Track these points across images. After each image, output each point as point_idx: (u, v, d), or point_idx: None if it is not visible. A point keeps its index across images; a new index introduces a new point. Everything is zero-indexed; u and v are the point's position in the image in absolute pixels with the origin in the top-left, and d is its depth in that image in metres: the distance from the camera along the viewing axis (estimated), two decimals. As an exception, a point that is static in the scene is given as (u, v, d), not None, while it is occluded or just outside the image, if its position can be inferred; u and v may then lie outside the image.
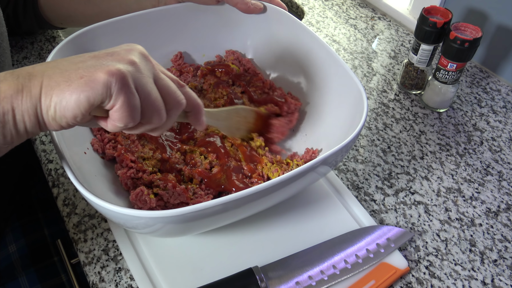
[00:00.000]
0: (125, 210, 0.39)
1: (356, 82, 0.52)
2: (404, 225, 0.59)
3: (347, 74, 0.54)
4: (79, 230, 0.56)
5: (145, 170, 0.54)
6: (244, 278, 0.48)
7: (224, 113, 0.55)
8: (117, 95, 0.34)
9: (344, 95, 0.56)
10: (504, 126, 0.74)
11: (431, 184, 0.64)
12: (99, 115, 0.36)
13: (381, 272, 0.52)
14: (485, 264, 0.55)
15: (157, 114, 0.37)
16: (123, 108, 0.34)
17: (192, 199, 0.52)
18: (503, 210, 0.61)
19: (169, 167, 0.56)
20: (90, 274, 0.52)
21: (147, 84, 0.36)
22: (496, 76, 0.83)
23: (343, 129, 0.54)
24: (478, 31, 0.66)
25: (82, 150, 0.52)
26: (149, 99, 0.36)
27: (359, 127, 0.46)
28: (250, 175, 0.55)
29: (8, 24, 0.75)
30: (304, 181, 0.48)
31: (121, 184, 0.53)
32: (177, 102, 0.39)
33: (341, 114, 0.56)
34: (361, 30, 0.92)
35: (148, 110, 0.36)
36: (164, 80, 0.38)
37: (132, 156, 0.55)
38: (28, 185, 0.77)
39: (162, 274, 0.51)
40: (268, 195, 0.44)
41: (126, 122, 0.35)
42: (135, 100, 0.35)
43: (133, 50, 0.37)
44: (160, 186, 0.52)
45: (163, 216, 0.39)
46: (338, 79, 0.57)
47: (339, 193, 0.60)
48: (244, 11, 0.63)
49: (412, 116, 0.74)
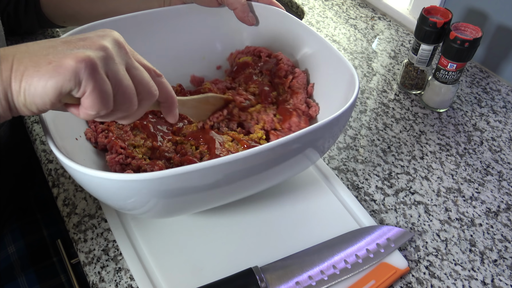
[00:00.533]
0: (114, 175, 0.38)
1: (347, 63, 0.53)
2: (404, 225, 0.59)
3: (340, 60, 0.54)
4: (79, 230, 0.56)
5: (134, 156, 0.54)
6: (244, 278, 0.48)
7: (195, 101, 0.55)
8: (87, 82, 0.33)
9: (339, 80, 0.55)
10: (504, 126, 0.74)
11: (431, 184, 0.64)
12: (71, 102, 0.35)
13: (381, 272, 0.52)
14: (485, 264, 0.55)
15: (129, 102, 0.36)
16: (93, 95, 0.33)
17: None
18: (503, 210, 0.61)
19: (159, 155, 0.56)
20: (90, 274, 0.52)
21: (118, 71, 0.35)
22: (496, 76, 0.84)
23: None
24: (478, 31, 0.66)
25: (73, 136, 0.52)
26: (120, 86, 0.35)
27: (351, 100, 0.46)
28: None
29: (8, 23, 0.75)
30: (292, 154, 0.46)
31: (110, 170, 0.53)
32: (149, 93, 0.38)
33: (338, 98, 0.56)
34: (361, 30, 0.92)
35: (119, 98, 0.36)
36: (137, 69, 0.37)
37: (123, 143, 0.55)
38: (26, 186, 0.77)
39: (162, 274, 0.51)
40: (256, 165, 0.43)
41: (98, 109, 0.34)
42: (106, 87, 0.34)
43: (106, 36, 0.36)
44: (147, 170, 0.52)
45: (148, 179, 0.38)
46: (330, 65, 0.57)
47: (339, 193, 0.60)
48: (240, 18, 0.64)
49: (412, 116, 0.74)
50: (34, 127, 0.68)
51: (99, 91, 0.33)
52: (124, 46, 0.37)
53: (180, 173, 0.39)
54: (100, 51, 0.34)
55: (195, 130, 0.59)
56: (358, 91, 0.49)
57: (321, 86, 0.61)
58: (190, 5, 0.65)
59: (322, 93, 0.60)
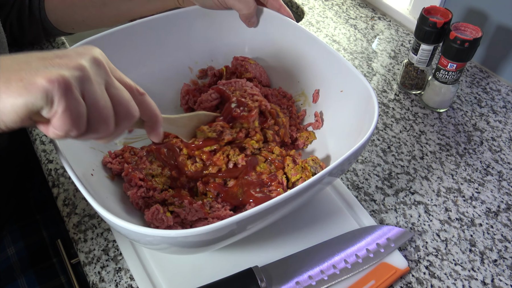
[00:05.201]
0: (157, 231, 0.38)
1: (365, 83, 0.52)
2: (404, 225, 0.59)
3: (355, 76, 0.54)
4: (79, 230, 0.56)
5: (155, 188, 0.52)
6: (244, 278, 0.48)
7: (185, 119, 0.53)
8: (59, 103, 0.31)
9: (352, 97, 0.55)
10: (504, 126, 0.74)
11: (431, 184, 0.64)
12: (40, 120, 0.34)
13: (381, 272, 0.52)
14: (485, 264, 0.55)
15: (104, 124, 0.35)
16: (64, 116, 0.32)
17: (209, 213, 0.51)
18: (503, 210, 0.61)
19: (180, 184, 0.54)
20: (90, 274, 0.52)
21: (95, 92, 0.34)
22: (496, 76, 0.84)
23: (353, 126, 0.54)
24: (478, 31, 0.66)
25: (88, 172, 0.50)
26: (96, 107, 0.34)
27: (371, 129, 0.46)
28: (268, 184, 0.53)
29: (12, 33, 0.73)
30: (326, 182, 0.47)
31: (132, 204, 0.52)
32: (128, 113, 0.37)
33: (349, 111, 0.56)
34: (361, 30, 0.92)
35: (94, 119, 0.34)
36: (116, 89, 0.36)
37: (140, 174, 0.53)
38: (25, 188, 0.77)
39: (162, 274, 0.51)
40: (291, 203, 0.43)
41: (67, 131, 0.33)
42: (79, 108, 0.32)
43: (85, 54, 0.34)
44: (175, 204, 0.51)
45: (189, 235, 0.38)
46: (342, 77, 0.56)
47: (339, 193, 0.60)
48: (244, 20, 0.63)
49: (412, 116, 0.74)
50: (34, 127, 0.68)
51: (71, 112, 0.32)
52: (103, 65, 0.35)
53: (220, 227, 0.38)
54: (76, 70, 0.33)
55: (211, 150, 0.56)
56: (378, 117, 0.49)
57: (328, 94, 0.61)
58: (185, 10, 0.63)
59: (330, 103, 0.60)
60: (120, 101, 0.36)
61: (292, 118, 0.63)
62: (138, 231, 0.38)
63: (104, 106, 0.34)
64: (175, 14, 0.63)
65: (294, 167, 0.54)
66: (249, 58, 0.67)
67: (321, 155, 0.59)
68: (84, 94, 0.33)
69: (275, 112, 0.59)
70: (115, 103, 0.36)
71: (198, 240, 0.40)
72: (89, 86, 0.33)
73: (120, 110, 0.36)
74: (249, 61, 0.66)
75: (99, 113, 0.34)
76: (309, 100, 0.64)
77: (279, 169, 0.55)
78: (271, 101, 0.64)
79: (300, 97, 0.65)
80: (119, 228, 0.39)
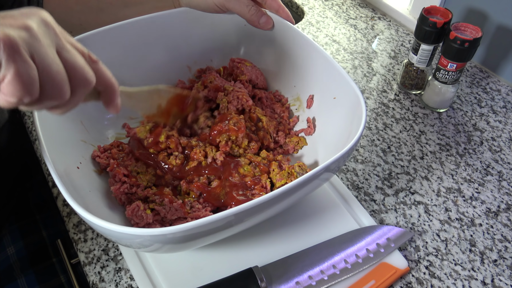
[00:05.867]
0: (122, 228, 0.37)
1: (353, 87, 0.51)
2: (404, 225, 0.59)
3: (343, 79, 0.53)
4: (79, 230, 0.56)
5: (139, 184, 0.53)
6: (244, 278, 0.48)
7: (143, 93, 0.50)
8: (7, 65, 0.29)
9: (344, 104, 0.55)
10: (504, 126, 0.74)
11: (431, 184, 0.64)
12: None
13: (381, 272, 0.52)
14: (485, 264, 0.55)
15: (59, 89, 0.32)
16: (15, 80, 0.29)
17: (189, 213, 0.51)
18: (503, 210, 0.61)
19: (165, 182, 0.55)
20: (90, 274, 0.52)
21: (46, 54, 0.31)
22: (496, 76, 0.84)
23: (343, 133, 0.53)
24: (478, 31, 0.66)
25: (75, 165, 0.51)
26: (49, 71, 0.31)
27: (359, 131, 0.46)
28: (252, 187, 0.53)
29: None
30: (306, 189, 0.47)
31: (116, 199, 0.52)
32: (84, 79, 0.34)
33: (339, 118, 0.56)
34: (361, 30, 0.92)
35: (48, 84, 0.31)
36: (69, 53, 0.33)
37: (126, 170, 0.54)
38: (24, 187, 0.77)
39: (162, 274, 0.51)
40: (271, 207, 0.43)
41: (20, 96, 0.30)
42: (30, 71, 0.30)
43: (32, 15, 0.32)
44: (156, 201, 0.51)
45: (161, 234, 0.37)
46: (336, 84, 0.56)
47: (339, 193, 0.60)
48: (252, 24, 0.62)
49: (412, 116, 0.74)
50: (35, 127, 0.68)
51: (22, 75, 0.29)
52: (53, 26, 0.33)
53: (201, 224, 0.38)
54: (22, 30, 0.30)
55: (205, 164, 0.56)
56: (366, 119, 0.48)
57: (321, 100, 0.61)
58: (181, 10, 0.63)
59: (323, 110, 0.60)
60: (74, 65, 0.33)
61: (282, 124, 0.63)
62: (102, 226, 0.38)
63: (57, 70, 0.32)
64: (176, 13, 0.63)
65: (279, 172, 0.54)
66: (246, 60, 0.67)
67: (309, 162, 0.59)
68: (34, 56, 0.30)
69: (256, 117, 0.60)
70: (69, 67, 0.33)
71: (174, 238, 0.40)
72: (39, 48, 0.31)
73: (75, 75, 0.34)
74: (245, 63, 0.66)
75: (52, 77, 0.32)
76: (303, 106, 0.64)
77: (264, 173, 0.55)
78: (265, 104, 0.64)
79: (295, 102, 0.65)
80: (90, 223, 0.39)
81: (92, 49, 0.56)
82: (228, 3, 0.59)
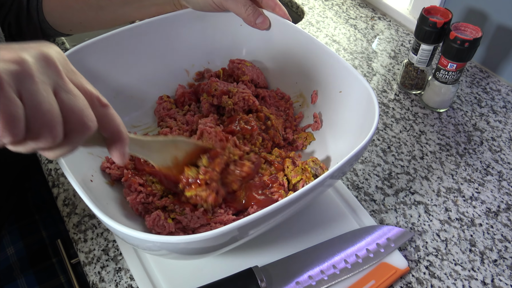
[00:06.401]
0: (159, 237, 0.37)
1: (360, 79, 0.52)
2: (404, 225, 0.59)
3: (349, 72, 0.54)
4: (79, 230, 0.56)
5: (155, 193, 0.51)
6: (244, 278, 0.48)
7: (159, 144, 0.46)
8: None
9: (352, 97, 0.55)
10: (504, 126, 0.74)
11: (431, 184, 0.64)
12: None
13: (381, 272, 0.52)
14: (485, 264, 0.55)
15: (47, 131, 0.29)
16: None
17: (211, 219, 0.50)
18: (503, 210, 0.61)
19: (181, 190, 0.53)
20: (90, 274, 0.52)
21: (37, 91, 0.28)
22: (496, 76, 0.84)
23: (353, 125, 0.54)
24: (478, 31, 0.66)
25: (88, 178, 0.50)
26: (37, 109, 0.28)
27: (372, 130, 0.46)
28: (270, 185, 0.53)
29: (10, 33, 0.73)
30: (323, 189, 0.47)
31: (132, 209, 0.51)
32: (81, 123, 0.31)
33: (348, 111, 0.56)
34: (361, 30, 0.92)
35: (35, 124, 0.28)
36: (69, 94, 0.31)
37: (140, 179, 0.52)
38: (24, 188, 0.77)
39: (162, 274, 0.51)
40: (291, 207, 0.43)
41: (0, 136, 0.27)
42: (12, 108, 0.27)
43: (31, 49, 0.30)
44: (177, 211, 0.50)
45: (191, 241, 0.37)
46: (341, 78, 0.56)
47: (339, 193, 0.60)
48: (249, 24, 0.62)
49: (412, 116, 0.74)
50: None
51: (2, 113, 0.27)
52: (53, 64, 0.30)
53: (223, 233, 0.38)
54: (13, 64, 0.28)
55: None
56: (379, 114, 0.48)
57: (326, 94, 0.61)
58: (182, 12, 0.63)
59: (329, 104, 0.60)
60: (71, 107, 0.30)
61: (289, 121, 0.63)
62: (140, 238, 0.37)
63: (48, 110, 0.29)
64: (172, 17, 0.62)
65: (294, 169, 0.54)
66: (245, 60, 0.67)
67: (321, 156, 0.59)
68: (21, 93, 0.28)
69: (264, 116, 0.60)
70: (66, 109, 0.30)
71: (200, 246, 0.40)
72: (30, 85, 0.28)
73: (72, 118, 0.30)
74: (245, 64, 0.66)
75: (40, 116, 0.29)
76: (307, 101, 0.64)
77: (279, 170, 0.55)
78: (268, 103, 0.64)
79: (298, 99, 0.65)
80: (123, 235, 0.39)
81: (90, 59, 0.56)
82: (225, 2, 0.59)
